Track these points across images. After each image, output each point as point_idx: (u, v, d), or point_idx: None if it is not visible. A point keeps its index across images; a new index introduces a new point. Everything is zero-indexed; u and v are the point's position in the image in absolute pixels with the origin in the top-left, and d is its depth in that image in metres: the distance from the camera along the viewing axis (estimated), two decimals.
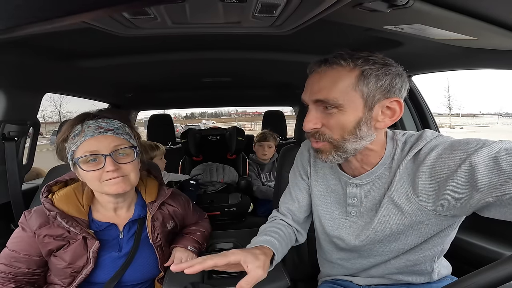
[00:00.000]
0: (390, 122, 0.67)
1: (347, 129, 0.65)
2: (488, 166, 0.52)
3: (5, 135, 1.23)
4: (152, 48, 1.11)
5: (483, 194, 0.53)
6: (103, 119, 0.81)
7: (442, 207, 0.62)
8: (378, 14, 0.62)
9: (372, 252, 0.78)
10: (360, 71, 0.62)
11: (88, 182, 0.80)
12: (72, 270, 0.80)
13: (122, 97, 2.05)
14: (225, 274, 0.92)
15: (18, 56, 0.97)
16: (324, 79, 0.65)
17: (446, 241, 0.74)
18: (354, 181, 0.75)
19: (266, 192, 1.97)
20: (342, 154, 0.68)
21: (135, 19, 0.63)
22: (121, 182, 0.78)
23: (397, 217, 0.69)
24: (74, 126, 0.79)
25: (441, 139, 0.66)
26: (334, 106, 0.64)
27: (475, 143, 0.57)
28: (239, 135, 2.30)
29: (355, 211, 0.78)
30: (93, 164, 0.77)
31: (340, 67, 0.64)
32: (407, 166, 0.67)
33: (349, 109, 0.64)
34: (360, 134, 0.65)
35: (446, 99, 41.06)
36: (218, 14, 0.62)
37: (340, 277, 0.93)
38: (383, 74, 0.63)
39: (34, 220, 0.79)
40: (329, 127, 0.66)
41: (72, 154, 0.78)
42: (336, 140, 0.67)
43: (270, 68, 1.47)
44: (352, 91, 0.63)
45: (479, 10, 0.60)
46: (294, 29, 0.72)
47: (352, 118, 0.64)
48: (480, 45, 0.84)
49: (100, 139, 0.77)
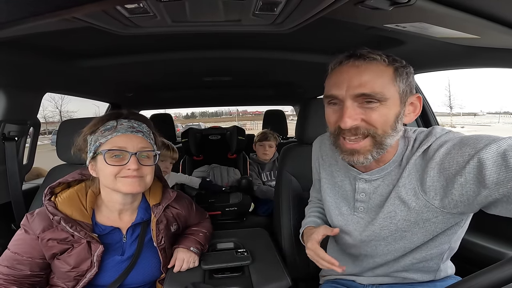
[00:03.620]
0: (414, 116, 0.69)
1: (389, 122, 0.64)
2: (496, 163, 0.52)
3: (5, 135, 1.23)
4: (152, 48, 1.11)
5: (491, 190, 0.53)
6: (135, 121, 0.85)
7: (449, 204, 0.62)
8: (379, 12, 0.62)
9: (378, 251, 0.78)
10: (394, 68, 0.64)
11: (104, 177, 0.80)
12: (76, 274, 0.80)
13: (123, 97, 2.05)
14: (225, 274, 0.92)
15: (18, 55, 0.97)
16: (366, 73, 0.63)
17: (453, 239, 0.73)
18: (364, 177, 0.75)
19: (267, 192, 1.97)
20: (380, 151, 0.67)
21: (134, 17, 0.63)
22: (137, 182, 0.80)
23: (403, 213, 0.69)
24: (107, 121, 0.82)
25: (451, 135, 0.66)
26: (378, 100, 0.63)
27: (484, 139, 0.57)
28: (239, 134, 2.30)
29: (363, 206, 0.77)
30: (117, 159, 0.79)
31: (378, 62, 0.64)
32: (416, 162, 0.67)
33: (391, 103, 0.64)
34: (397, 128, 0.66)
35: (447, 98, 41.04)
36: (218, 12, 0.62)
37: (343, 276, 0.92)
38: (409, 72, 0.66)
39: (38, 224, 0.78)
40: (370, 121, 0.64)
41: (98, 146, 0.79)
42: (379, 135, 0.65)
43: (271, 67, 1.47)
44: (392, 86, 0.64)
45: (482, 8, 0.59)
46: (295, 27, 0.72)
47: (393, 112, 0.65)
48: (482, 44, 0.83)
49: (130, 137, 0.80)
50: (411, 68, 0.67)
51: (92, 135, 0.82)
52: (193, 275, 0.90)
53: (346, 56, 0.66)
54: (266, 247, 1.09)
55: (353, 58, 0.65)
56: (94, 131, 0.82)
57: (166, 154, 1.57)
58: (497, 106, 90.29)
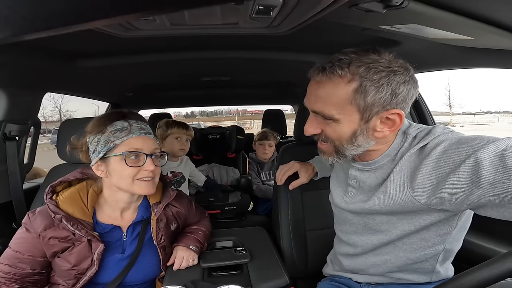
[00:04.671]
0: (389, 132, 0.66)
1: (344, 138, 0.68)
2: (493, 163, 0.52)
3: (6, 134, 1.24)
4: (151, 48, 1.12)
5: (484, 190, 0.53)
6: (141, 122, 0.86)
7: (436, 202, 0.62)
8: (374, 14, 0.63)
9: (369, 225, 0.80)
10: (358, 84, 0.60)
11: (120, 178, 0.81)
12: (77, 272, 0.80)
13: (123, 96, 2.06)
14: (225, 272, 0.93)
15: (19, 56, 0.97)
16: (321, 90, 0.65)
17: (448, 241, 0.72)
18: (356, 165, 0.79)
19: (266, 191, 1.98)
20: (342, 158, 0.72)
21: (135, 21, 0.64)
22: (151, 184, 0.84)
23: (387, 208, 0.71)
24: (113, 121, 0.82)
25: (450, 135, 0.66)
26: (330, 119, 0.66)
27: (482, 139, 0.57)
28: (239, 133, 2.31)
29: (353, 192, 0.82)
30: (133, 161, 0.80)
31: (338, 78, 0.62)
32: (410, 159, 0.67)
33: (344, 122, 0.65)
34: (357, 143, 0.67)
35: (447, 98, 40.98)
36: (215, 15, 0.63)
37: (340, 273, 0.94)
38: (385, 84, 0.60)
39: (39, 222, 0.79)
40: (326, 134, 0.70)
41: (112, 148, 0.79)
42: (337, 146, 0.70)
43: (269, 67, 1.48)
44: (347, 105, 0.63)
45: (474, 10, 0.60)
46: (291, 29, 0.73)
47: (347, 129, 0.66)
48: (476, 45, 0.84)
49: (145, 139, 0.82)
50: (400, 77, 0.60)
51: (100, 135, 0.81)
52: (192, 273, 0.91)
53: (313, 69, 0.67)
54: (264, 245, 1.10)
55: (317, 72, 0.65)
56: (102, 131, 0.81)
57: (179, 132, 1.56)
58: (496, 106, 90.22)
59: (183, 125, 1.60)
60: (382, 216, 0.75)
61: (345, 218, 0.87)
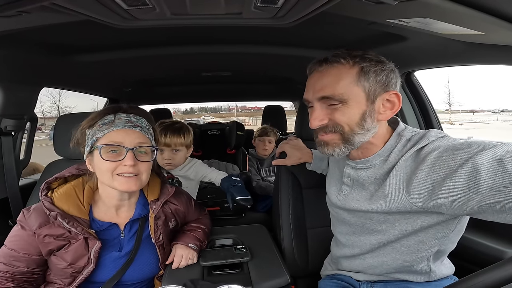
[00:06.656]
0: (391, 113, 0.71)
1: (354, 121, 0.69)
2: (492, 168, 0.52)
3: (2, 129, 1.22)
4: (151, 42, 1.09)
5: (484, 196, 0.52)
6: (134, 115, 0.83)
7: (433, 206, 0.62)
8: (383, 7, 0.61)
9: (367, 226, 0.80)
10: (359, 68, 0.68)
11: (101, 173, 0.79)
12: (73, 271, 0.79)
13: (121, 92, 2.03)
14: (225, 270, 0.92)
15: (14, 50, 0.95)
16: (326, 77, 0.70)
17: (444, 243, 0.73)
18: (350, 163, 0.81)
19: (266, 188, 1.97)
20: (349, 147, 0.72)
21: (133, 9, 0.62)
22: (133, 181, 0.79)
23: (385, 210, 0.72)
24: (105, 115, 0.80)
25: (445, 140, 0.67)
26: (339, 101, 0.68)
27: (478, 144, 0.57)
28: (239, 129, 2.29)
29: (347, 190, 0.84)
30: (113, 155, 0.77)
31: (341, 65, 0.68)
32: (406, 163, 0.68)
33: (353, 103, 0.68)
34: (366, 126, 0.69)
35: (446, 95, 41.00)
36: (219, 4, 0.61)
37: (340, 272, 0.94)
38: (380, 70, 0.68)
39: (34, 219, 0.77)
40: (335, 120, 0.70)
41: (95, 141, 0.78)
42: (346, 133, 0.70)
43: (270, 62, 1.46)
44: (354, 87, 0.68)
45: (489, 5, 0.58)
46: (296, 21, 0.71)
47: (357, 111, 0.69)
48: (486, 41, 0.82)
49: (128, 132, 0.79)
50: (388, 65, 0.70)
51: (90, 129, 0.80)
52: (191, 271, 0.90)
53: (314, 63, 0.73)
54: (265, 243, 1.09)
55: (318, 64, 0.71)
56: (92, 125, 0.80)
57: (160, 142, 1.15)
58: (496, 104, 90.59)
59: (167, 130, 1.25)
60: (379, 215, 0.75)
61: (343, 219, 0.87)
